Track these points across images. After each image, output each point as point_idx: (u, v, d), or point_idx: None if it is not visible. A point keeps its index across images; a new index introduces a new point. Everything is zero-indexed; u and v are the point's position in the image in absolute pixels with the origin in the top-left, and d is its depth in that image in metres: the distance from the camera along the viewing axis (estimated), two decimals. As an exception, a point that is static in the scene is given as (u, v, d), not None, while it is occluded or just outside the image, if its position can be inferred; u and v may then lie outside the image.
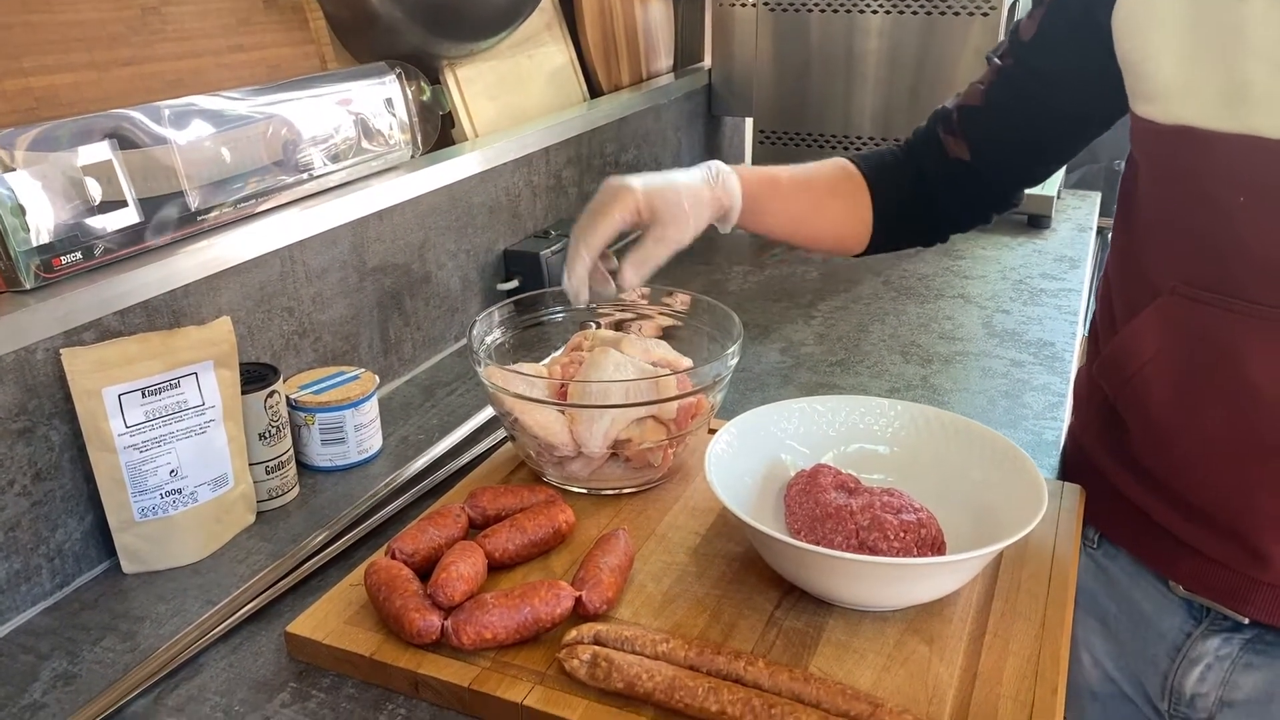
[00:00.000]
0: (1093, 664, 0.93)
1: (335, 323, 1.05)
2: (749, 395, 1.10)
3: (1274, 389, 0.71)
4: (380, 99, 1.11)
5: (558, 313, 0.97)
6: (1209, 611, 0.82)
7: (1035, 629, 0.68)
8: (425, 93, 1.19)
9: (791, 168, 0.92)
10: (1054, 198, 1.65)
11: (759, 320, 1.31)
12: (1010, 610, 0.70)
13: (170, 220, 0.86)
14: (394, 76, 1.13)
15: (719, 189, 0.84)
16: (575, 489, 0.86)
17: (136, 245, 0.83)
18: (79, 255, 0.79)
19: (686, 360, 0.89)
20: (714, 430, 0.82)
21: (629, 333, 0.94)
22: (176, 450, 0.80)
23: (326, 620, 0.70)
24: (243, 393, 0.85)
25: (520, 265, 1.30)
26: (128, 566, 0.81)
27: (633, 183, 0.81)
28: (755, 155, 1.76)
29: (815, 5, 1.62)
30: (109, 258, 0.81)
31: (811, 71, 1.66)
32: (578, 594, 0.68)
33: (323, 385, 0.95)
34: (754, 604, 0.71)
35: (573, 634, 0.64)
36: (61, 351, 0.76)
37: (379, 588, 0.69)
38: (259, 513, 0.88)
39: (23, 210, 0.75)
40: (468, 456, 0.96)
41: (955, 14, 1.53)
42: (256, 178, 0.94)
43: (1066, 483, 0.85)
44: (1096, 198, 1.87)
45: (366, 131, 1.08)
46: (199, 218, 0.89)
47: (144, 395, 0.78)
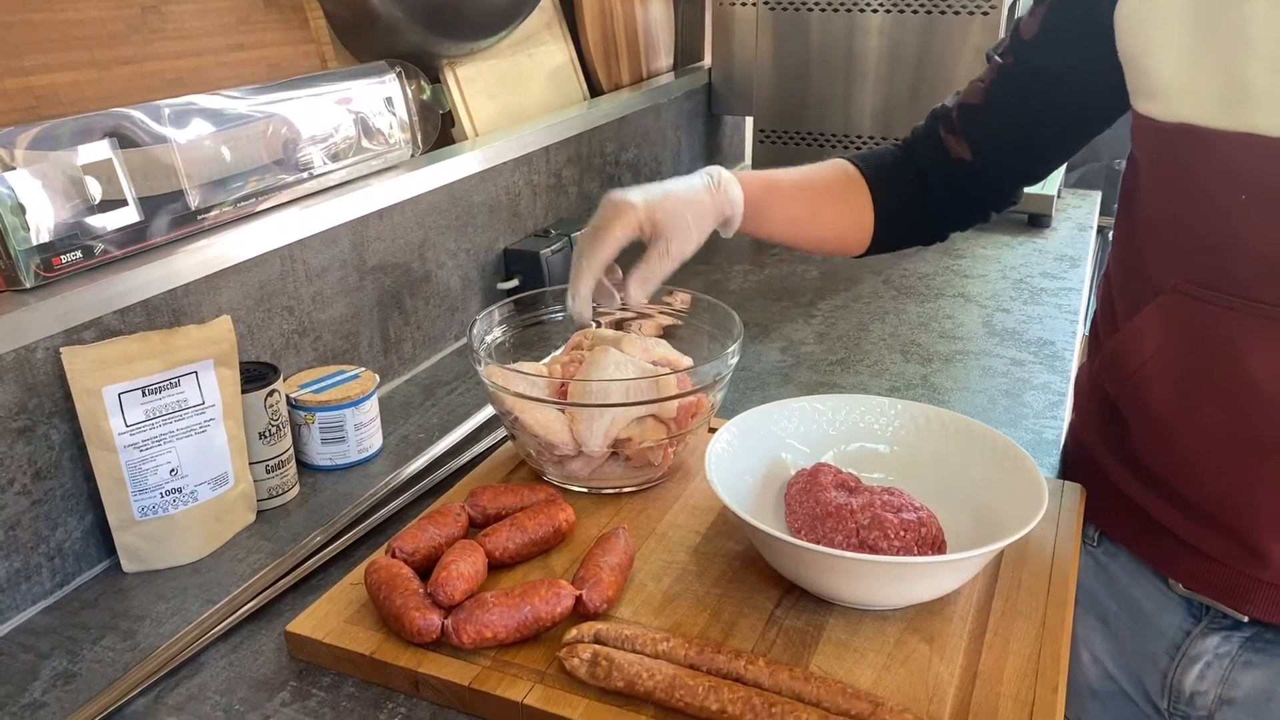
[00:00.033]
0: (1092, 662, 0.93)
1: (335, 322, 1.05)
2: (749, 394, 1.10)
3: (1274, 387, 0.71)
4: (380, 98, 1.11)
5: (558, 312, 0.97)
6: (1208, 609, 0.82)
7: (1036, 628, 0.68)
8: (425, 92, 1.19)
9: (791, 171, 0.92)
10: (1054, 197, 1.65)
11: (759, 319, 1.31)
12: (1011, 609, 0.70)
13: (170, 219, 0.86)
14: (394, 75, 1.13)
15: (720, 197, 0.83)
16: (575, 488, 0.86)
17: (136, 244, 0.83)
18: (79, 254, 0.79)
19: (687, 359, 0.89)
20: (714, 429, 0.82)
21: (629, 332, 0.94)
22: (176, 449, 0.80)
23: (327, 619, 0.70)
24: (243, 392, 0.85)
25: (520, 264, 1.30)
26: (128, 565, 0.81)
27: (633, 197, 0.79)
28: (755, 154, 1.76)
29: (815, 4, 1.62)
30: (109, 257, 0.81)
31: (812, 71, 1.66)
32: (578, 593, 0.68)
33: (323, 384, 0.95)
34: (754, 603, 0.71)
35: (573, 633, 0.64)
36: (61, 350, 0.76)
37: (379, 587, 0.69)
38: (259, 512, 0.88)
39: (23, 209, 0.75)
40: (468, 455, 0.96)
41: (955, 13, 1.53)
42: (256, 177, 0.94)
43: (1067, 481, 0.85)
44: (1097, 197, 1.87)
45: (366, 130, 1.08)
46: (199, 217, 0.89)
47: (144, 394, 0.78)
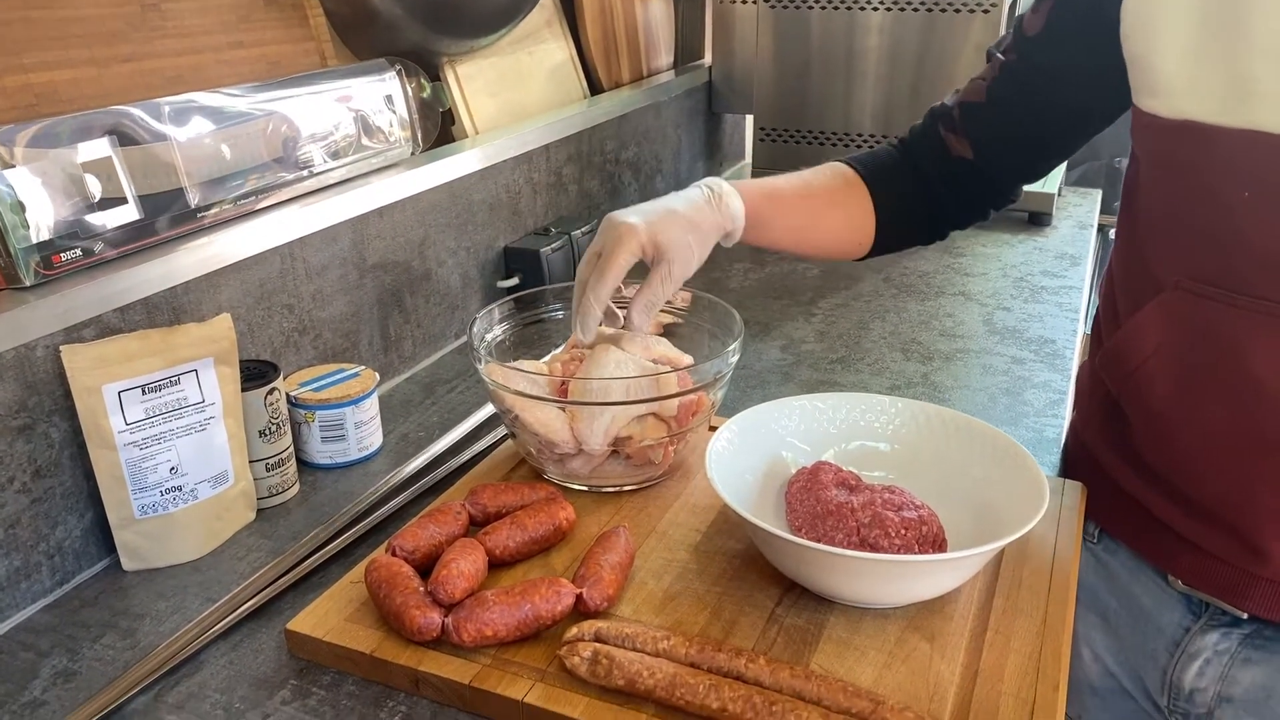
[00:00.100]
0: (1093, 659, 0.93)
1: (335, 320, 1.05)
2: (749, 393, 1.10)
3: (1276, 384, 0.71)
4: (380, 96, 1.10)
5: (558, 310, 0.97)
6: (1208, 607, 0.82)
7: (1037, 626, 0.68)
8: (425, 90, 1.19)
9: (790, 177, 0.91)
10: (1055, 195, 1.65)
11: (760, 318, 1.31)
12: (1011, 607, 0.70)
13: (170, 217, 0.86)
14: (394, 73, 1.13)
15: (722, 212, 0.83)
16: (576, 486, 0.85)
17: (136, 242, 0.83)
18: (79, 252, 0.78)
19: (687, 358, 0.88)
20: (715, 428, 0.82)
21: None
22: (176, 447, 0.80)
23: (327, 617, 0.70)
24: (243, 390, 0.85)
25: (520, 262, 1.30)
26: (128, 564, 0.81)
27: (634, 220, 0.79)
28: (756, 152, 1.76)
29: (816, 2, 1.62)
30: (109, 254, 0.81)
31: (812, 69, 1.66)
32: (578, 591, 0.68)
33: (323, 382, 0.95)
34: (755, 601, 0.71)
35: (573, 631, 0.64)
36: (61, 348, 0.75)
37: (379, 585, 0.69)
38: (259, 510, 0.88)
39: (22, 207, 0.75)
40: (468, 454, 0.96)
41: (956, 11, 1.53)
42: (256, 175, 0.94)
43: (1068, 480, 0.85)
44: (1097, 195, 1.87)
45: (366, 128, 1.08)
46: (199, 215, 0.89)
47: (144, 392, 0.78)
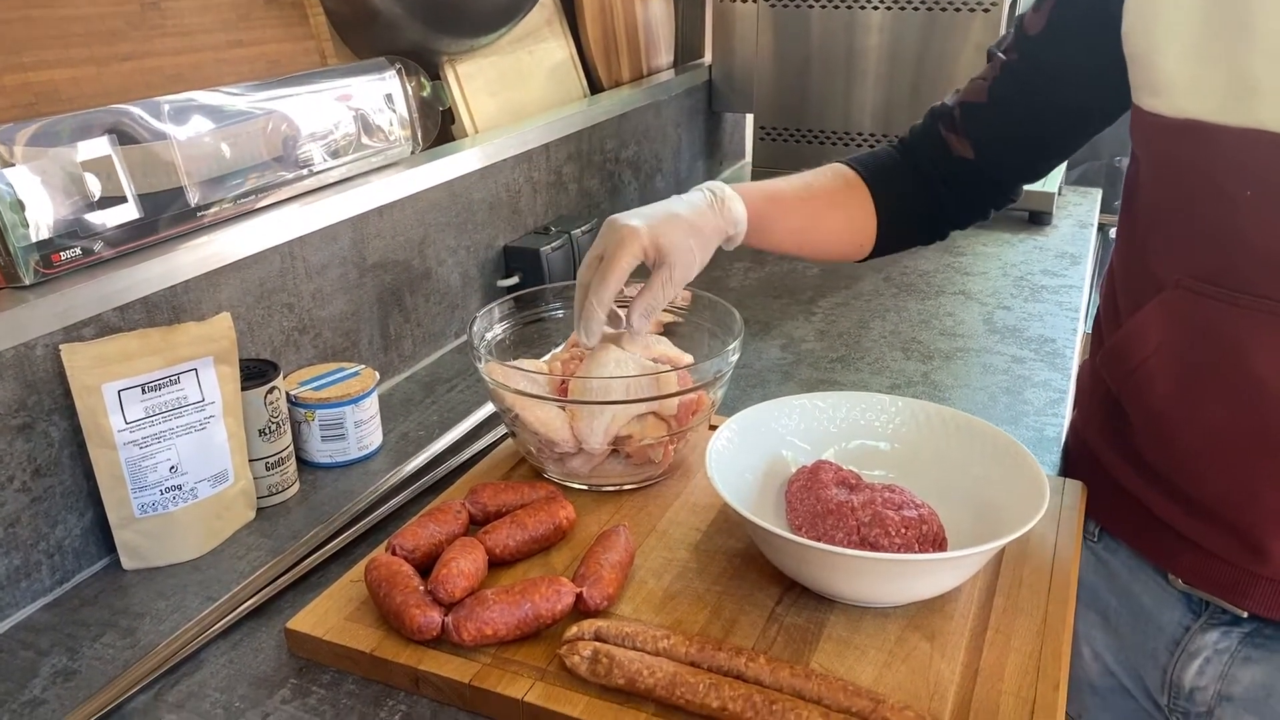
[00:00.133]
0: (1093, 657, 0.93)
1: (335, 319, 1.05)
2: (750, 392, 1.10)
3: (1277, 382, 0.71)
4: (380, 95, 1.10)
5: (558, 309, 0.97)
6: (1208, 605, 0.82)
7: (1037, 625, 0.68)
8: (425, 88, 1.19)
9: (791, 180, 0.91)
10: (1055, 194, 1.65)
11: (760, 316, 1.31)
12: (1012, 606, 0.70)
13: (170, 216, 0.86)
14: (394, 72, 1.13)
15: (724, 216, 0.83)
16: (576, 485, 0.85)
17: (136, 241, 0.83)
18: (78, 251, 0.78)
19: (687, 356, 0.88)
20: (715, 427, 0.82)
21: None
22: (176, 446, 0.80)
23: (327, 616, 0.70)
24: (243, 389, 0.85)
25: (520, 261, 1.30)
26: (127, 563, 0.81)
27: (635, 224, 0.78)
28: (756, 151, 1.76)
29: (816, 1, 1.61)
30: (109, 253, 0.81)
31: (812, 67, 1.66)
32: (578, 590, 0.68)
33: (323, 381, 0.95)
34: (755, 600, 0.71)
35: (573, 630, 0.64)
36: (61, 347, 0.75)
37: (379, 584, 0.69)
38: (259, 509, 0.88)
39: (22, 206, 0.74)
40: (468, 453, 0.96)
41: (956, 10, 1.53)
42: (256, 173, 0.94)
43: (1068, 479, 0.85)
44: (1097, 194, 1.87)
45: (366, 127, 1.08)
46: (199, 213, 0.89)
47: (144, 391, 0.78)
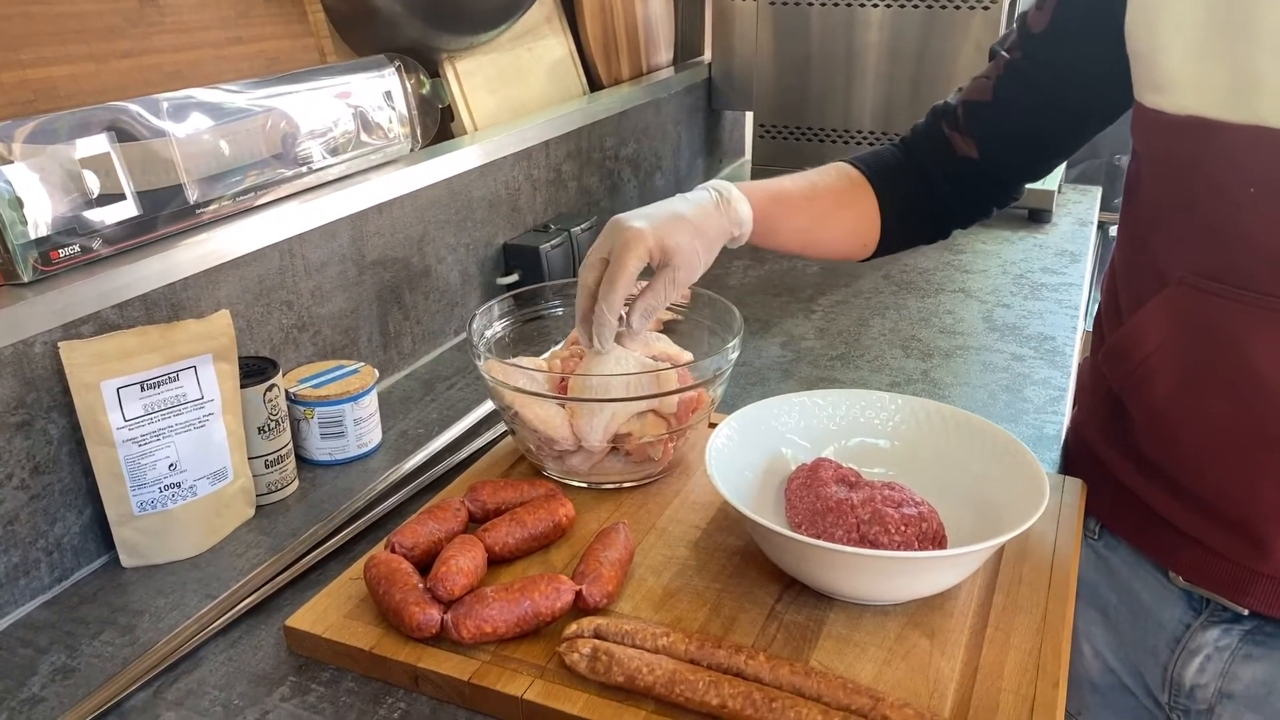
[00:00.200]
0: (1093, 655, 0.92)
1: (334, 316, 1.05)
2: (749, 389, 1.10)
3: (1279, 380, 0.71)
4: (379, 92, 1.10)
5: (557, 306, 0.97)
6: (1208, 603, 0.82)
7: (1037, 623, 0.68)
8: (425, 86, 1.19)
9: (795, 179, 0.91)
10: (1055, 192, 1.65)
11: (759, 314, 1.31)
12: (1011, 604, 0.70)
13: (169, 213, 0.86)
14: (393, 69, 1.13)
15: (729, 216, 0.83)
16: (575, 483, 0.85)
17: (135, 238, 0.83)
18: (77, 248, 0.78)
19: (687, 354, 0.88)
20: (714, 424, 0.82)
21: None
22: (175, 444, 0.80)
23: (326, 614, 0.69)
24: (242, 386, 0.85)
25: (520, 259, 1.30)
26: (126, 560, 0.81)
27: (640, 226, 0.77)
28: (755, 149, 1.75)
29: (816, -1, 1.61)
30: (107, 251, 0.81)
31: (812, 65, 1.66)
32: (578, 588, 0.68)
33: (322, 379, 0.95)
34: (754, 598, 0.71)
35: (573, 628, 0.64)
36: (60, 345, 0.75)
37: (378, 581, 0.68)
38: (258, 507, 0.88)
39: (20, 203, 0.74)
40: (467, 450, 0.96)
41: (956, 7, 1.53)
42: (255, 171, 0.94)
43: (1068, 477, 0.85)
44: (1097, 192, 1.87)
45: (365, 125, 1.08)
46: (198, 211, 0.89)
47: (142, 389, 0.78)
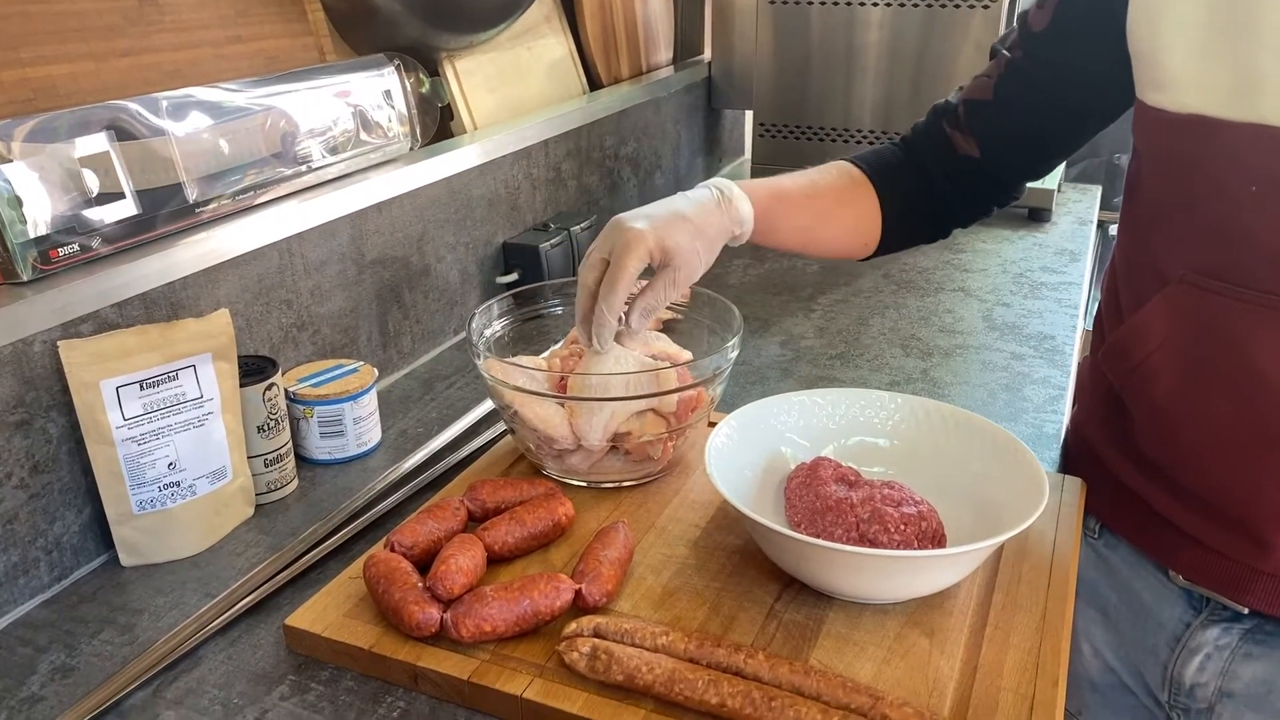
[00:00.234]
0: (1093, 654, 0.92)
1: (334, 315, 1.05)
2: (749, 388, 1.10)
3: None
4: (379, 91, 1.10)
5: (557, 306, 0.97)
6: (1208, 601, 0.82)
7: (1036, 622, 0.68)
8: (424, 85, 1.19)
9: (796, 177, 0.91)
10: (1054, 191, 1.65)
11: (759, 313, 1.31)
12: (1011, 603, 0.70)
13: (168, 212, 0.86)
14: (393, 68, 1.13)
15: (730, 215, 0.82)
16: (575, 482, 0.85)
17: (134, 237, 0.83)
18: (76, 247, 0.78)
19: (686, 353, 0.88)
20: (714, 423, 0.82)
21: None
22: (175, 443, 0.80)
23: (325, 613, 0.69)
24: (241, 385, 0.85)
25: (519, 258, 1.30)
26: (126, 559, 0.81)
27: (641, 226, 0.77)
28: (755, 148, 1.75)
29: (815, -3, 1.61)
30: (107, 250, 0.81)
31: (812, 64, 1.66)
32: (577, 587, 0.68)
33: (321, 378, 0.95)
34: (754, 597, 0.71)
35: (572, 626, 0.64)
36: (59, 344, 0.75)
37: (378, 580, 0.68)
38: (257, 506, 0.88)
39: (20, 202, 0.74)
40: (467, 449, 0.96)
41: (956, 6, 1.53)
42: (255, 170, 0.94)
43: (1067, 476, 0.85)
44: (1097, 191, 1.87)
45: (365, 124, 1.08)
46: (197, 210, 0.88)
47: (142, 388, 0.78)
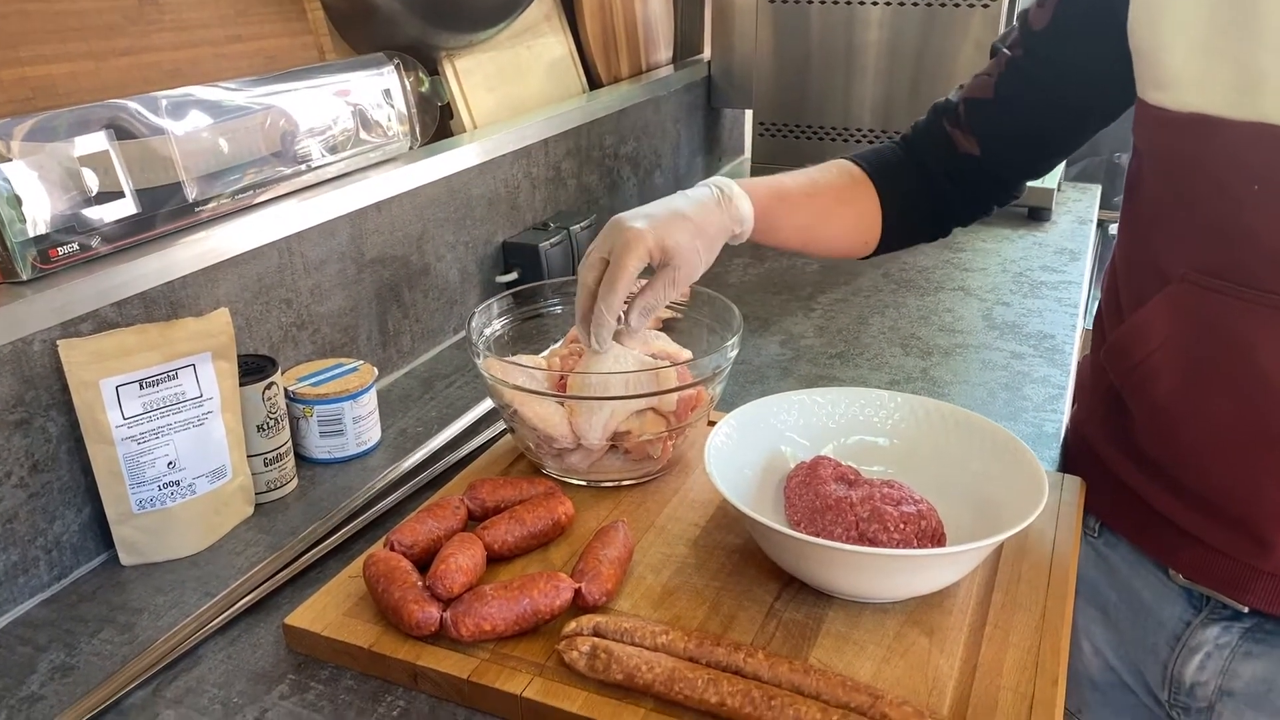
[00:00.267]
0: (1093, 653, 0.93)
1: (334, 314, 1.05)
2: (749, 387, 1.10)
3: None
4: (378, 90, 1.10)
5: (557, 305, 0.97)
6: (1209, 600, 0.82)
7: (1035, 621, 0.68)
8: (424, 84, 1.19)
9: (796, 175, 0.91)
10: (1054, 190, 1.65)
11: (759, 312, 1.31)
12: (1010, 602, 0.70)
13: (168, 211, 0.86)
14: (392, 67, 1.13)
15: (729, 215, 0.82)
16: (574, 481, 0.85)
17: (134, 236, 0.83)
18: (76, 246, 0.78)
19: (686, 352, 0.88)
20: (714, 422, 0.82)
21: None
22: (174, 442, 0.80)
23: (325, 612, 0.69)
24: (241, 385, 0.85)
25: (519, 257, 1.30)
26: (125, 559, 0.81)
27: (640, 226, 0.77)
28: (755, 147, 1.75)
29: (815, -4, 1.61)
30: (106, 249, 0.81)
31: (811, 63, 1.66)
32: (577, 586, 0.68)
33: (321, 377, 0.95)
34: (753, 596, 0.71)
35: (572, 625, 0.64)
36: (58, 343, 0.75)
37: (378, 579, 0.68)
38: (257, 505, 0.88)
39: (19, 201, 0.74)
40: (467, 448, 0.96)
41: (956, 5, 1.53)
42: (254, 169, 0.94)
43: (1067, 475, 0.85)
44: (1097, 190, 1.87)
45: (365, 123, 1.08)
46: (197, 209, 0.88)
47: (141, 387, 0.78)
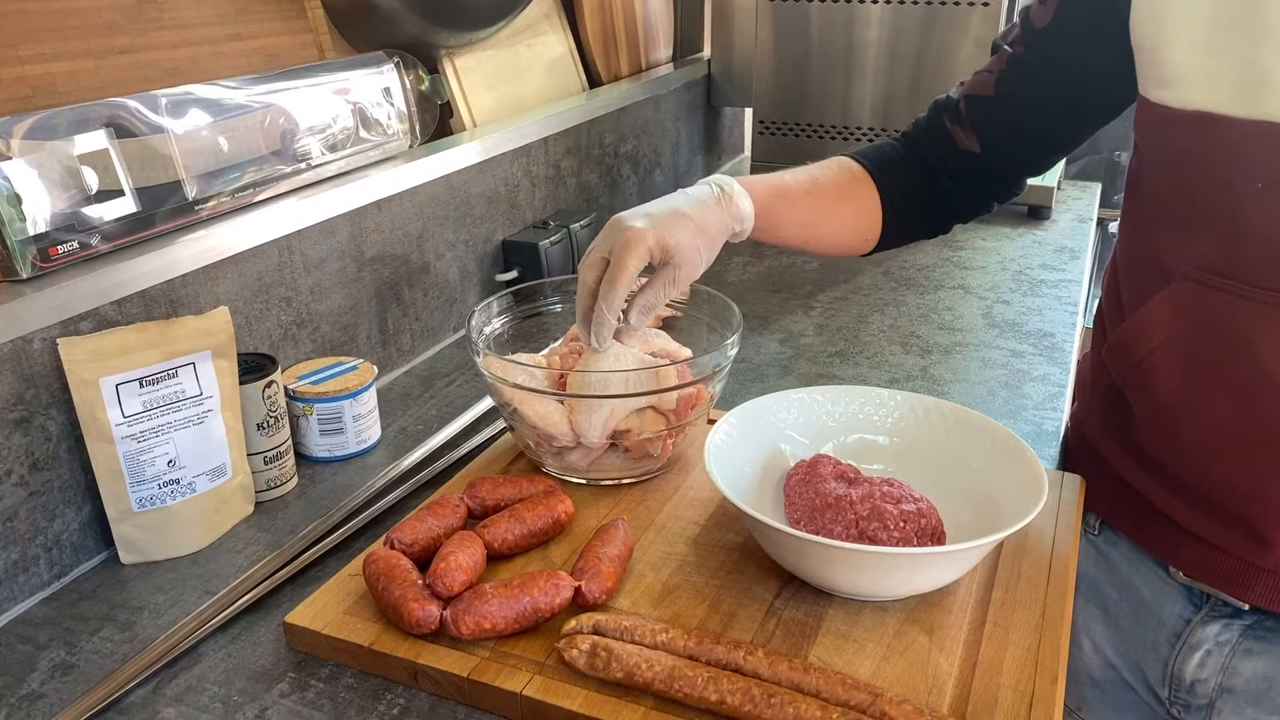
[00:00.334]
0: (1093, 651, 0.93)
1: (333, 313, 1.05)
2: (748, 386, 1.10)
3: None
4: (378, 88, 1.10)
5: (556, 303, 0.97)
6: (1209, 598, 0.82)
7: (1035, 619, 0.68)
8: (424, 82, 1.19)
9: (797, 173, 0.91)
10: (1054, 188, 1.65)
11: (759, 311, 1.31)
12: (1010, 600, 0.70)
13: (167, 210, 0.86)
14: (392, 66, 1.12)
15: (730, 213, 0.82)
16: (574, 479, 0.85)
17: (133, 234, 0.83)
18: (76, 244, 0.78)
19: (686, 350, 0.88)
20: (713, 420, 0.82)
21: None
22: (174, 440, 0.80)
23: (325, 610, 0.70)
24: (241, 383, 0.85)
25: (519, 256, 1.30)
26: (126, 557, 0.81)
27: (641, 225, 0.77)
28: (755, 146, 1.75)
29: (815, -5, 1.61)
30: (106, 247, 0.81)
31: (811, 62, 1.65)
32: (577, 584, 0.68)
33: (321, 375, 0.95)
34: (753, 594, 0.71)
35: (572, 624, 0.64)
36: (58, 341, 0.75)
37: (378, 578, 0.69)
38: (257, 503, 0.88)
39: (19, 199, 0.74)
40: (467, 447, 0.96)
41: (956, 3, 1.53)
42: (254, 167, 0.94)
43: (1067, 473, 0.85)
44: (1097, 189, 1.87)
45: (364, 121, 1.08)
46: (196, 207, 0.88)
47: (141, 385, 0.78)
